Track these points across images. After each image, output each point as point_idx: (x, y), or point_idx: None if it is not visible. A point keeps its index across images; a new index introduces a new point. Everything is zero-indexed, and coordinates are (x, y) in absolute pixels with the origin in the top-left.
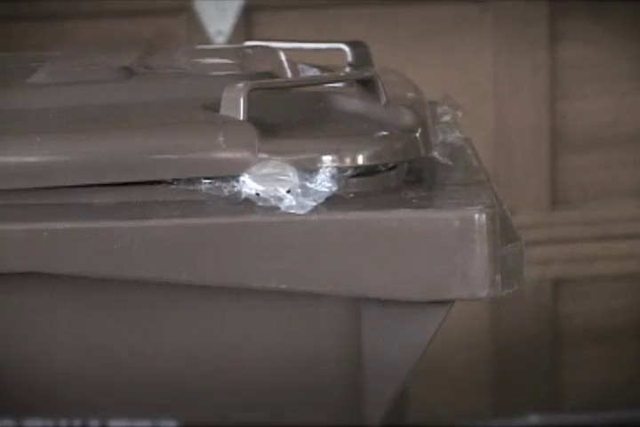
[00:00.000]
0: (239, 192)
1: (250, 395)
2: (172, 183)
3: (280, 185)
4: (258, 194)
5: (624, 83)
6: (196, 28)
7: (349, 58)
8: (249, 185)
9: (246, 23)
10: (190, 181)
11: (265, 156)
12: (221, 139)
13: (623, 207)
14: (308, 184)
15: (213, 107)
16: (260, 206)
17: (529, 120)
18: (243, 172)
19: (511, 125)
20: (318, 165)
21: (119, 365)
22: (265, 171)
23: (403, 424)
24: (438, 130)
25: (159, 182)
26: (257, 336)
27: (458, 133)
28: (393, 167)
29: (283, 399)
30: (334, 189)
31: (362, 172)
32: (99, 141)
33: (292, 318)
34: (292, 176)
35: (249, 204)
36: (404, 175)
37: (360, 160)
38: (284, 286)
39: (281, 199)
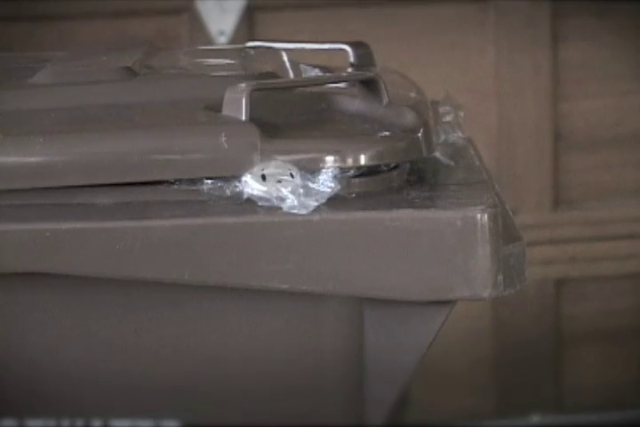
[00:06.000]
0: (241, 192)
1: (251, 395)
2: (174, 183)
3: (282, 185)
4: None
5: (626, 83)
6: (197, 29)
7: (351, 58)
8: (251, 185)
9: (248, 23)
10: (192, 181)
11: (267, 156)
12: (223, 139)
13: (625, 207)
14: (311, 184)
15: (215, 107)
16: (262, 207)
17: (531, 120)
18: (245, 172)
19: (513, 125)
20: (320, 165)
21: (121, 365)
22: (267, 171)
23: (403, 424)
24: (440, 130)
25: (161, 183)
26: (259, 336)
27: (460, 133)
28: (395, 167)
29: (284, 399)
30: (336, 189)
31: (364, 172)
32: (101, 142)
33: (294, 319)
34: (295, 176)
35: (251, 204)
36: (406, 175)
37: (362, 160)
38: (285, 287)
39: (283, 199)
